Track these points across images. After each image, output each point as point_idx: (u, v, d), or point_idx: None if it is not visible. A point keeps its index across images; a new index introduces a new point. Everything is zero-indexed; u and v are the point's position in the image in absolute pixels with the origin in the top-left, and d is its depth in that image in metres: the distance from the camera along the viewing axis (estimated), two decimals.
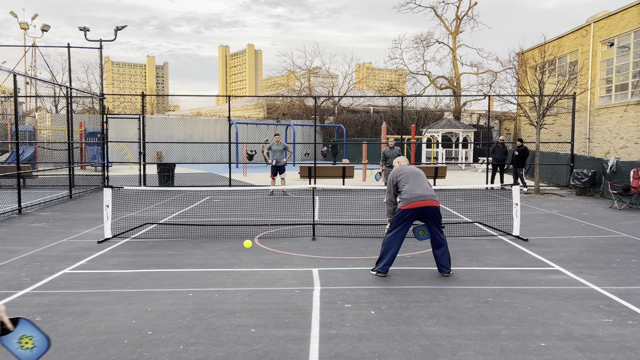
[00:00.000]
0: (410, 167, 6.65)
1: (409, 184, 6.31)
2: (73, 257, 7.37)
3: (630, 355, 4.11)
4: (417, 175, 6.44)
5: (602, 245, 8.44)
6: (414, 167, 6.72)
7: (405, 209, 6.20)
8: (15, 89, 12.00)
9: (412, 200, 6.18)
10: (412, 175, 6.41)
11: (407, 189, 6.27)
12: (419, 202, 6.17)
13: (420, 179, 6.40)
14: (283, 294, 5.66)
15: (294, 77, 49.68)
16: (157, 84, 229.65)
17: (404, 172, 6.45)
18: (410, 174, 6.43)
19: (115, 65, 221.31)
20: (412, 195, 6.21)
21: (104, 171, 17.52)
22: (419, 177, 6.42)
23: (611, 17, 21.71)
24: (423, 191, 6.26)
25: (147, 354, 4.11)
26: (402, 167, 6.65)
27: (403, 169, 6.55)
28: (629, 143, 20.51)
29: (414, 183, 6.32)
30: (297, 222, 10.32)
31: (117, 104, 58.66)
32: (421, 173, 6.52)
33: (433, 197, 6.24)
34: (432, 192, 6.33)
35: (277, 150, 15.28)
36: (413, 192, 6.23)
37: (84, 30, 18.30)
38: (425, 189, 6.30)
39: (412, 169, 6.54)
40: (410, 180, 6.35)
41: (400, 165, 6.81)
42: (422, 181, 6.39)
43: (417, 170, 6.56)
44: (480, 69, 42.24)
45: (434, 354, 4.13)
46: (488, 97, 19.71)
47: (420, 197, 6.18)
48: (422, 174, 6.51)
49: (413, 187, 6.28)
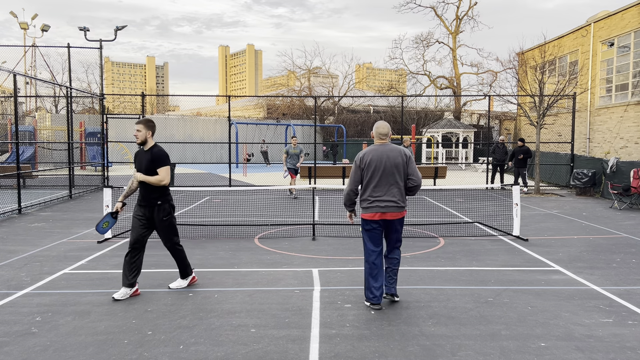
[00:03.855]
0: (385, 152, 5.18)
1: (374, 184, 5.17)
2: (73, 257, 7.37)
3: (630, 355, 4.11)
4: (388, 173, 5.16)
5: (602, 245, 8.44)
6: (391, 152, 5.19)
7: (367, 218, 5.18)
8: (15, 89, 12.00)
9: (375, 209, 5.14)
10: (381, 171, 5.15)
11: (370, 191, 5.18)
12: (383, 213, 5.14)
13: (390, 179, 5.15)
14: (283, 294, 5.65)
15: (294, 77, 49.67)
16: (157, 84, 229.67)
17: (374, 163, 5.16)
18: (380, 168, 5.15)
19: (115, 65, 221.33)
20: (375, 201, 5.15)
21: (104, 171, 17.51)
22: (389, 176, 5.16)
23: (611, 17, 21.70)
24: (389, 197, 5.14)
25: (147, 354, 4.11)
26: (373, 150, 5.22)
27: (373, 157, 5.18)
28: (629, 143, 20.50)
29: (381, 184, 5.16)
30: (297, 222, 10.31)
31: (117, 104, 58.67)
32: (394, 169, 5.18)
33: (400, 208, 5.19)
34: (400, 198, 5.20)
35: (295, 154, 14.62)
36: (377, 197, 5.14)
37: (84, 30, 18.30)
38: (393, 195, 5.15)
39: (385, 161, 5.16)
40: (378, 178, 5.16)
41: (374, 144, 5.35)
42: (392, 182, 5.17)
43: (392, 162, 5.17)
44: (480, 69, 42.25)
45: (434, 354, 4.13)
46: (488, 97, 19.71)
47: (384, 208, 5.13)
48: (395, 171, 5.18)
49: (379, 190, 5.16)
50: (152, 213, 5.59)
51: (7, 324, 4.72)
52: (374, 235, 5.21)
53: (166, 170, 5.54)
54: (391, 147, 5.22)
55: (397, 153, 5.21)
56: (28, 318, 4.89)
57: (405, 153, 5.22)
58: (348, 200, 5.36)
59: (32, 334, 4.48)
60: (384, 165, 5.16)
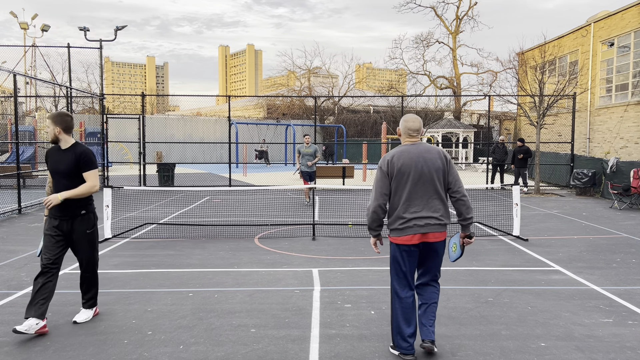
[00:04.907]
0: (420, 154, 3.97)
1: (408, 196, 3.94)
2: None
3: (630, 355, 4.11)
4: (426, 181, 3.95)
5: (602, 245, 8.44)
6: (427, 153, 3.99)
7: (402, 243, 3.95)
8: (15, 89, 12.00)
9: (413, 230, 3.91)
10: (418, 179, 3.94)
11: (404, 206, 3.94)
12: (424, 234, 3.94)
13: (429, 189, 3.96)
14: (283, 294, 5.65)
15: (294, 77, 49.67)
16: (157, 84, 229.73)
17: (407, 169, 3.93)
18: (416, 175, 3.93)
19: (115, 65, 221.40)
20: (413, 219, 3.93)
21: (104, 171, 17.52)
22: (428, 185, 3.95)
23: (611, 17, 21.70)
24: (430, 212, 3.95)
25: (147, 354, 4.11)
26: (404, 151, 4.00)
27: (405, 160, 3.95)
28: (629, 143, 20.50)
29: (418, 196, 3.95)
30: (297, 222, 10.31)
31: (117, 104, 58.66)
32: (434, 175, 3.97)
33: (443, 226, 4.02)
34: (444, 213, 4.03)
35: (307, 153, 13.27)
36: (414, 213, 3.93)
37: (84, 30, 18.30)
38: (435, 209, 3.97)
39: (422, 165, 3.95)
40: (413, 189, 3.94)
41: (403, 144, 4.11)
42: (432, 193, 3.98)
43: (431, 166, 3.96)
44: (480, 69, 42.24)
45: (433, 353, 4.12)
46: (488, 97, 19.72)
47: (425, 227, 3.92)
48: (435, 177, 3.98)
49: (415, 204, 3.94)
50: (72, 225, 4.62)
51: (7, 324, 4.72)
52: (409, 262, 4.00)
53: (96, 175, 4.66)
54: (427, 147, 4.01)
55: (435, 154, 3.99)
56: None
57: (445, 154, 4.04)
58: (375, 221, 4.00)
59: (32, 334, 4.48)
60: (421, 171, 3.93)
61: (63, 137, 4.65)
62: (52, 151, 4.73)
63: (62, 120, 4.62)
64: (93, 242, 4.76)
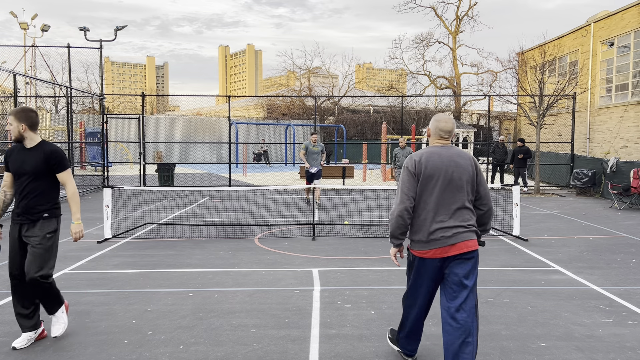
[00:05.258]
0: (451, 158, 3.54)
1: (435, 203, 3.49)
2: (73, 257, 7.37)
3: (630, 355, 4.11)
4: (455, 188, 3.50)
5: (602, 245, 8.44)
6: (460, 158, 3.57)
7: (426, 257, 3.50)
8: (15, 89, 12.01)
9: (439, 243, 3.44)
10: (447, 185, 3.49)
11: (430, 215, 3.50)
12: (451, 246, 3.45)
13: (458, 197, 3.50)
14: (283, 294, 5.65)
15: (294, 77, 49.68)
16: (157, 84, 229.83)
17: (437, 173, 3.50)
18: (446, 181, 3.49)
19: (115, 65, 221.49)
20: (438, 230, 3.46)
21: (104, 171, 17.52)
22: (457, 193, 3.50)
23: (611, 17, 21.70)
24: (457, 221, 3.49)
25: (147, 354, 4.11)
26: (434, 153, 3.56)
27: (435, 163, 3.51)
28: (629, 143, 20.50)
29: (446, 204, 3.50)
30: (297, 222, 10.32)
31: (117, 104, 58.67)
32: (464, 183, 3.53)
33: (472, 232, 3.52)
34: (473, 222, 3.56)
35: (315, 152, 12.43)
36: (440, 222, 3.47)
37: (84, 30, 18.31)
38: (463, 218, 3.50)
39: (454, 171, 3.51)
40: (441, 195, 3.50)
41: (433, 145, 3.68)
42: (461, 202, 3.52)
43: (462, 173, 3.53)
44: (480, 69, 42.25)
45: (434, 353, 4.13)
46: (488, 97, 19.72)
47: (452, 238, 3.44)
48: (465, 185, 3.54)
49: (442, 213, 3.49)
50: (33, 228, 4.14)
51: (7, 324, 4.72)
52: (429, 280, 3.54)
53: (71, 175, 4.24)
54: (459, 151, 3.59)
55: (468, 160, 3.57)
56: None
57: (476, 162, 3.64)
58: (399, 227, 3.54)
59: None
60: (451, 177, 3.49)
61: (29, 134, 4.18)
62: (14, 150, 4.21)
63: (27, 117, 4.15)
64: (50, 248, 4.17)
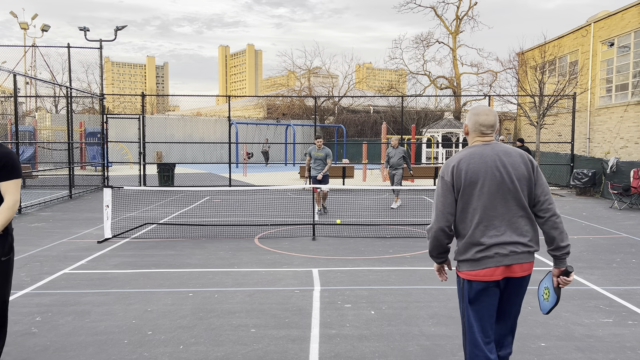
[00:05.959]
0: (497, 157, 2.93)
1: (483, 214, 2.89)
2: (73, 257, 7.37)
3: (630, 355, 4.11)
4: (507, 192, 2.90)
5: (602, 245, 8.44)
6: (507, 156, 2.95)
7: (479, 279, 2.89)
8: (15, 89, 12.01)
9: (494, 261, 2.86)
10: (496, 190, 2.90)
11: (480, 229, 2.90)
12: (508, 266, 2.88)
13: (512, 204, 2.91)
14: (283, 294, 5.65)
15: (294, 77, 49.70)
16: (157, 84, 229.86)
17: (482, 177, 2.90)
18: (493, 185, 2.90)
19: (115, 65, 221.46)
20: (492, 246, 2.87)
21: (104, 171, 17.52)
22: (510, 199, 2.91)
23: (611, 17, 21.70)
24: (515, 236, 2.90)
25: (147, 354, 4.11)
26: (475, 154, 2.96)
27: (478, 166, 2.92)
28: (629, 143, 20.50)
29: (498, 214, 2.90)
30: (297, 222, 10.32)
31: (117, 104, 58.68)
32: (517, 185, 2.91)
33: (531, 254, 2.93)
34: (533, 237, 2.95)
35: (318, 157, 11.48)
36: (494, 237, 2.88)
37: (84, 31, 18.31)
38: (521, 231, 2.91)
39: (503, 172, 2.91)
40: (490, 204, 2.90)
41: (473, 144, 3.05)
42: (516, 210, 2.92)
43: (513, 173, 2.92)
44: (480, 69, 42.26)
45: (434, 354, 4.13)
46: (488, 97, 19.72)
47: (510, 257, 2.87)
48: (519, 189, 2.92)
49: (494, 225, 2.90)
50: None
51: (8, 324, 4.72)
52: (487, 308, 2.94)
53: (18, 187, 3.36)
54: (505, 148, 2.98)
55: (518, 157, 2.96)
56: (28, 318, 4.89)
57: (530, 158, 3.01)
58: (437, 247, 3.03)
59: (32, 334, 4.49)
60: (500, 180, 2.89)
61: None
62: None
63: None
64: (6, 273, 3.44)
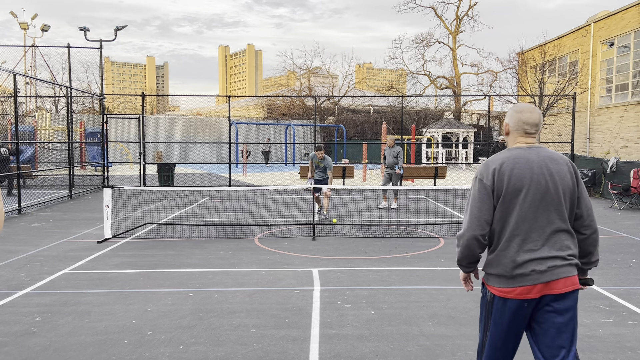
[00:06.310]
0: (543, 163, 2.63)
1: (521, 225, 2.60)
2: (73, 257, 7.37)
3: (630, 355, 4.11)
4: (551, 203, 2.60)
5: (602, 245, 8.43)
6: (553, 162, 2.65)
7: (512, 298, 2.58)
8: (15, 89, 12.01)
9: (530, 279, 2.55)
10: (539, 200, 2.60)
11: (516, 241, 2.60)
12: (546, 284, 2.56)
13: (554, 216, 2.60)
14: (283, 294, 5.65)
15: (294, 77, 49.70)
16: (157, 84, 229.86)
17: (526, 183, 2.60)
18: (537, 194, 2.60)
19: (115, 65, 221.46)
20: (530, 261, 2.57)
21: (104, 171, 17.52)
22: (553, 210, 2.60)
23: (611, 17, 21.70)
24: (554, 250, 2.58)
25: (147, 354, 4.11)
26: (519, 157, 2.65)
27: (522, 171, 2.61)
28: (629, 143, 20.49)
29: (538, 226, 2.59)
30: (297, 222, 10.32)
31: (117, 104, 58.67)
32: (561, 196, 2.62)
33: (573, 267, 2.62)
34: (574, 250, 2.64)
35: (320, 166, 11.16)
36: (531, 251, 2.58)
37: (84, 30, 18.30)
38: (561, 245, 2.60)
39: (548, 180, 2.61)
40: (532, 214, 2.59)
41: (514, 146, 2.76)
42: (558, 223, 2.61)
43: (559, 182, 2.62)
44: (480, 69, 42.30)
45: (434, 354, 4.13)
46: (488, 97, 19.72)
47: (548, 273, 2.55)
48: (563, 200, 2.62)
49: (532, 238, 2.59)
50: None
51: (7, 324, 4.72)
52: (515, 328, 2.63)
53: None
54: (551, 154, 2.68)
55: (564, 166, 2.67)
56: (28, 318, 4.89)
57: (574, 167, 2.72)
58: (468, 256, 2.71)
59: (32, 334, 4.49)
60: (545, 189, 2.60)
61: None
62: None
63: None
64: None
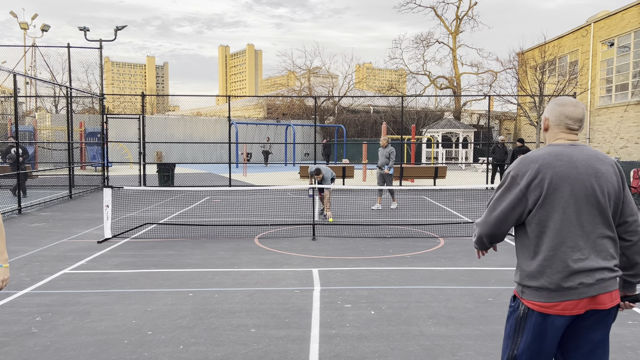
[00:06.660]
0: (588, 163, 2.35)
1: (565, 228, 2.31)
2: (73, 257, 7.37)
3: (630, 355, 4.11)
4: (596, 206, 2.34)
5: None
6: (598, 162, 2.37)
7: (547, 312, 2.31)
8: (15, 89, 12.00)
9: (578, 292, 2.29)
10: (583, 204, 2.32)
11: (561, 250, 2.30)
12: (593, 297, 2.30)
13: (598, 221, 2.34)
14: (283, 294, 5.65)
15: (294, 77, 49.70)
16: (157, 84, 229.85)
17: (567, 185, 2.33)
18: (580, 197, 2.32)
19: (115, 65, 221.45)
20: (577, 273, 2.29)
21: (104, 171, 17.52)
22: (597, 214, 2.34)
23: (611, 17, 21.70)
24: (599, 260, 2.32)
25: (147, 354, 4.11)
26: (558, 155, 2.37)
27: (562, 171, 2.33)
28: (629, 143, 20.50)
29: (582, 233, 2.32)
30: (297, 222, 10.32)
31: (117, 104, 58.64)
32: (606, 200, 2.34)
33: (615, 283, 2.36)
34: (615, 259, 2.38)
35: None
36: (578, 261, 2.30)
37: (84, 30, 18.30)
38: (605, 255, 2.34)
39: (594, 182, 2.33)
40: (575, 215, 2.31)
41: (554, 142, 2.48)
42: (602, 225, 2.35)
43: (604, 185, 2.34)
44: (480, 69, 42.30)
45: (433, 354, 4.13)
46: (488, 97, 19.71)
47: (595, 286, 2.29)
48: (608, 204, 2.35)
49: (578, 246, 2.31)
50: None
51: (7, 324, 4.72)
52: (550, 346, 2.38)
53: None
54: (596, 154, 2.42)
55: (610, 167, 2.41)
56: (28, 318, 4.89)
57: (620, 168, 2.46)
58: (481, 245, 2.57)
59: (32, 334, 4.49)
60: (590, 191, 2.34)
61: None
62: None
63: None
64: None
